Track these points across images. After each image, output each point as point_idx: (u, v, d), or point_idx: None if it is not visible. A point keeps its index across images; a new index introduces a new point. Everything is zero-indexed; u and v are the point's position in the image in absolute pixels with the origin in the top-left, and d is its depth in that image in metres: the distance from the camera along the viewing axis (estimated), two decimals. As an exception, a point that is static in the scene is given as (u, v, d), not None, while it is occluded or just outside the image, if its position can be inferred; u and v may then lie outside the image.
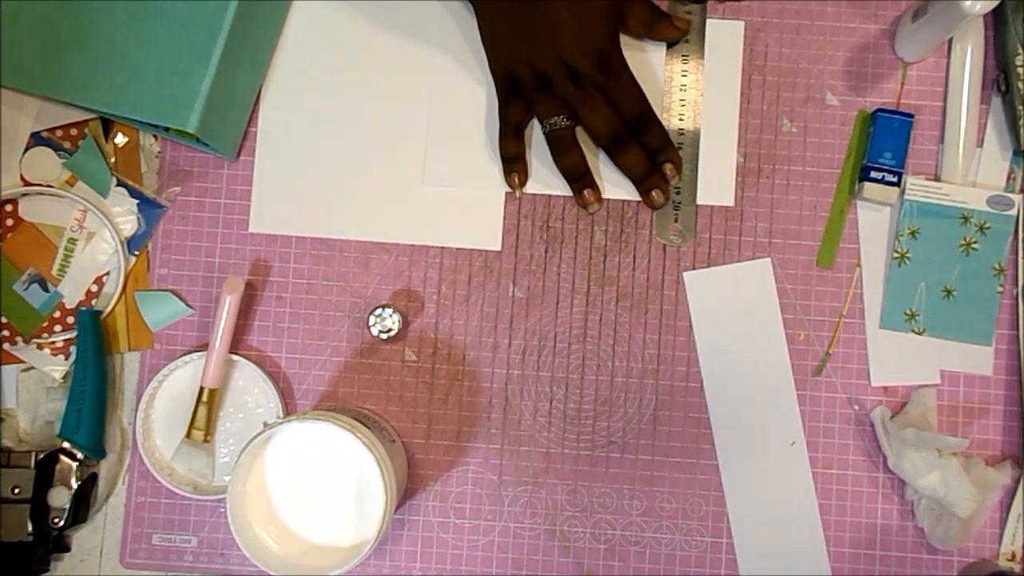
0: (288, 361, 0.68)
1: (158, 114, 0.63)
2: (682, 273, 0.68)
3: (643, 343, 0.68)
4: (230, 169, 0.70)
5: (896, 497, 0.67)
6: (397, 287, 0.69)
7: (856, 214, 0.69)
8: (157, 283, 0.69)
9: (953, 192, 0.67)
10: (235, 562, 0.67)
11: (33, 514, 0.64)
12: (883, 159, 0.67)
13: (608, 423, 0.68)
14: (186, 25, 0.63)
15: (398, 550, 0.67)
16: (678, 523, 0.67)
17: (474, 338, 0.68)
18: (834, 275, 0.68)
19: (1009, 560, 0.66)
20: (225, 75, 0.64)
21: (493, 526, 0.68)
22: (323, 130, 0.69)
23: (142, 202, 0.69)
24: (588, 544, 0.67)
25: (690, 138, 0.69)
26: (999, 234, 0.67)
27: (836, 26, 0.70)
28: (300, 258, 0.69)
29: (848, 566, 0.67)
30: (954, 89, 0.68)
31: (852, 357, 0.68)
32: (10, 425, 0.68)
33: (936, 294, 0.68)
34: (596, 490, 0.68)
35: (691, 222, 0.68)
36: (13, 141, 0.69)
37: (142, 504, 0.68)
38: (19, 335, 0.69)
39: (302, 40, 0.70)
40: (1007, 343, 0.67)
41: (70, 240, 0.69)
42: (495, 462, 0.68)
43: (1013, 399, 0.67)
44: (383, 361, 0.68)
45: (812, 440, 0.67)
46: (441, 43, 0.70)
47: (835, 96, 0.69)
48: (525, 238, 0.69)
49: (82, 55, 0.64)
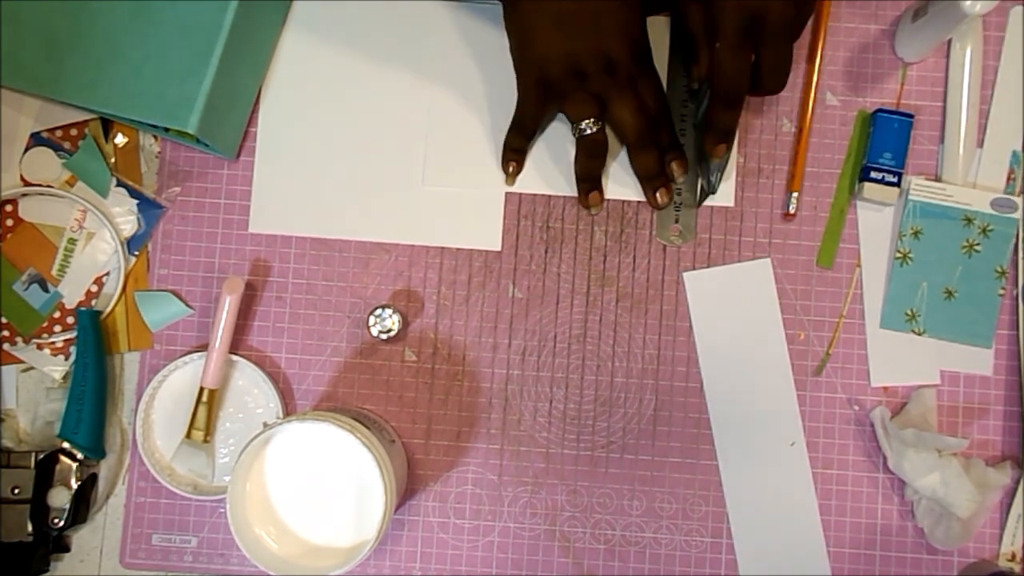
0: (288, 361, 0.68)
1: (158, 115, 0.63)
2: (682, 273, 0.68)
3: (643, 343, 0.68)
4: (230, 169, 0.69)
5: (896, 497, 0.67)
6: (397, 287, 0.69)
7: (856, 214, 0.69)
8: (157, 283, 0.69)
9: (956, 193, 0.67)
10: (235, 562, 0.67)
11: (33, 514, 0.65)
12: (883, 159, 0.67)
13: (608, 423, 0.68)
14: (186, 26, 0.63)
15: (398, 550, 0.67)
16: (678, 523, 0.67)
17: (474, 338, 0.68)
18: (834, 275, 0.68)
19: (1009, 560, 0.66)
20: (225, 76, 0.64)
21: (493, 526, 0.68)
22: (323, 130, 0.69)
23: (142, 202, 0.69)
24: (588, 544, 0.67)
25: (690, 138, 0.69)
26: (1002, 236, 0.67)
27: (836, 26, 0.69)
28: (300, 258, 0.69)
29: (848, 566, 0.67)
30: (954, 89, 0.68)
31: (852, 357, 0.68)
32: (10, 425, 0.68)
33: (937, 295, 0.67)
34: (596, 490, 0.68)
35: (692, 223, 0.68)
36: (13, 141, 0.69)
37: (142, 504, 0.68)
38: (19, 335, 0.69)
39: (302, 40, 0.70)
40: (1007, 343, 0.67)
41: (70, 240, 0.69)
42: (495, 462, 0.68)
43: (1013, 399, 0.67)
44: (383, 361, 0.68)
45: (812, 440, 0.67)
46: (441, 43, 0.70)
47: (835, 96, 0.69)
48: (525, 238, 0.69)
49: (82, 55, 0.64)
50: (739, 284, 0.68)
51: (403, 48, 0.70)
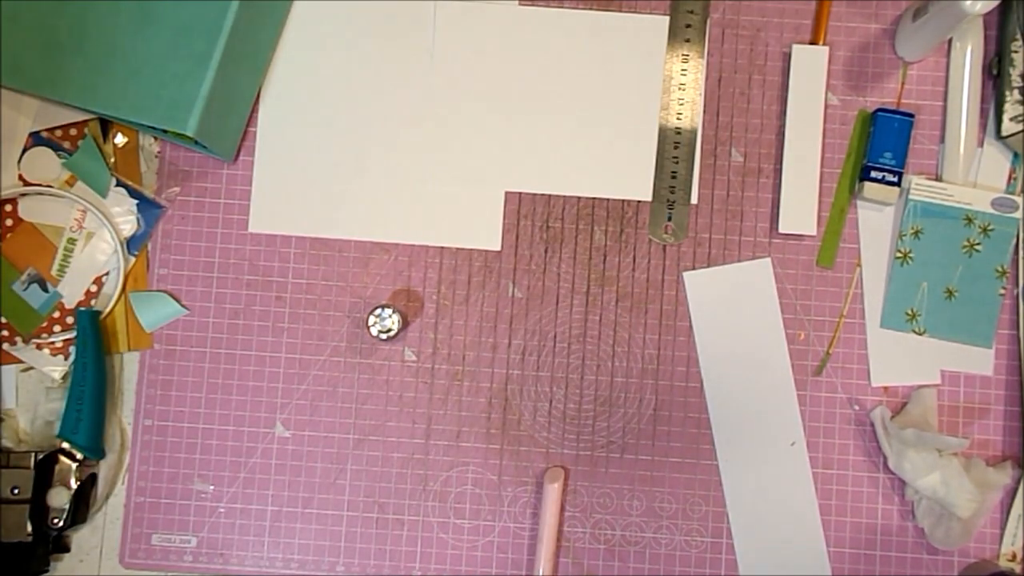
0: (288, 361, 0.68)
1: (156, 116, 0.63)
2: (682, 273, 0.68)
3: (643, 343, 0.68)
4: (230, 169, 0.69)
5: (896, 497, 0.67)
6: (397, 287, 0.69)
7: (856, 214, 0.68)
8: (157, 283, 0.69)
9: (957, 193, 0.67)
10: (235, 562, 0.67)
11: (33, 514, 0.65)
12: (883, 159, 0.67)
13: (608, 423, 0.68)
14: (186, 28, 0.63)
15: (398, 550, 0.67)
16: (678, 523, 0.67)
17: (474, 338, 0.68)
18: (834, 275, 0.68)
19: (1009, 560, 0.66)
20: (225, 78, 0.64)
21: (493, 526, 0.68)
22: (322, 130, 0.69)
23: (142, 202, 0.69)
24: (588, 544, 0.67)
25: (687, 137, 0.69)
26: (1002, 236, 0.67)
27: (836, 26, 0.69)
28: (300, 258, 0.69)
29: (848, 566, 0.67)
30: (954, 89, 0.68)
31: (852, 357, 0.68)
32: (10, 425, 0.68)
33: (938, 295, 0.67)
34: (596, 490, 0.67)
35: (684, 221, 0.68)
36: (13, 141, 0.69)
37: (141, 504, 0.68)
38: (19, 335, 0.69)
39: (302, 40, 0.70)
40: (1007, 343, 0.67)
41: (69, 240, 0.69)
42: (495, 462, 0.68)
43: (1013, 399, 0.67)
44: (383, 361, 0.68)
45: (812, 440, 0.67)
46: (441, 43, 0.70)
47: (835, 96, 0.69)
48: (525, 238, 0.69)
49: (82, 56, 0.64)
50: (739, 284, 0.68)
51: (403, 48, 0.70)
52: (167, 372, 0.68)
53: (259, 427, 0.68)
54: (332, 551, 0.67)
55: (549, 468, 0.67)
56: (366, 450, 0.68)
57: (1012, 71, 0.66)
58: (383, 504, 0.68)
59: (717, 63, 0.69)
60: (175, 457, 0.68)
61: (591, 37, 0.70)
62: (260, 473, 0.68)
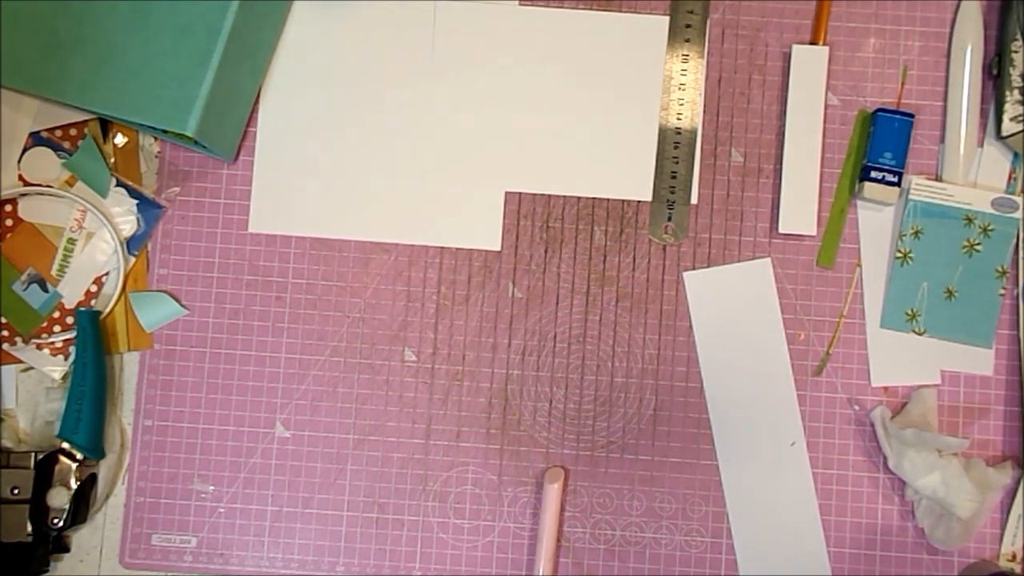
0: (288, 361, 0.68)
1: (156, 117, 0.63)
2: (682, 273, 0.68)
3: (643, 343, 0.68)
4: (229, 169, 0.69)
5: (896, 497, 0.67)
6: (397, 287, 0.69)
7: (856, 214, 0.68)
8: (157, 283, 0.69)
9: (957, 193, 0.67)
10: (235, 562, 0.67)
11: (32, 514, 0.65)
12: (883, 159, 0.67)
13: (608, 423, 0.68)
14: (186, 28, 0.63)
15: (398, 550, 0.67)
16: (678, 523, 0.67)
17: (474, 338, 0.68)
18: (834, 275, 0.68)
19: (1009, 561, 0.66)
20: (225, 78, 0.64)
21: (493, 526, 0.68)
22: (323, 130, 0.69)
23: (142, 202, 0.69)
24: (588, 544, 0.67)
25: (687, 137, 0.69)
26: (1002, 236, 0.67)
27: (836, 26, 0.69)
28: (300, 258, 0.69)
29: (848, 566, 0.67)
30: (954, 89, 0.68)
31: (852, 357, 0.68)
32: (10, 425, 0.68)
33: (938, 295, 0.67)
34: (596, 490, 0.67)
35: (684, 221, 0.68)
36: (12, 141, 0.69)
37: (141, 504, 0.68)
38: (18, 335, 0.69)
39: (302, 40, 0.70)
40: (1008, 343, 0.67)
41: (69, 240, 0.69)
42: (495, 462, 0.68)
43: (1014, 399, 0.67)
44: (383, 361, 0.68)
45: (812, 440, 0.67)
46: (441, 43, 0.70)
47: (835, 96, 0.69)
48: (525, 238, 0.69)
49: (82, 56, 0.64)
50: (739, 284, 0.68)
51: (403, 48, 0.70)
52: (167, 372, 0.69)
53: (259, 427, 0.68)
54: (332, 551, 0.67)
55: (549, 468, 0.67)
56: (366, 450, 0.68)
57: (1012, 71, 0.66)
58: (383, 504, 0.68)
59: (717, 63, 0.69)
60: (175, 457, 0.68)
61: (591, 37, 0.70)
62: (260, 473, 0.68)
